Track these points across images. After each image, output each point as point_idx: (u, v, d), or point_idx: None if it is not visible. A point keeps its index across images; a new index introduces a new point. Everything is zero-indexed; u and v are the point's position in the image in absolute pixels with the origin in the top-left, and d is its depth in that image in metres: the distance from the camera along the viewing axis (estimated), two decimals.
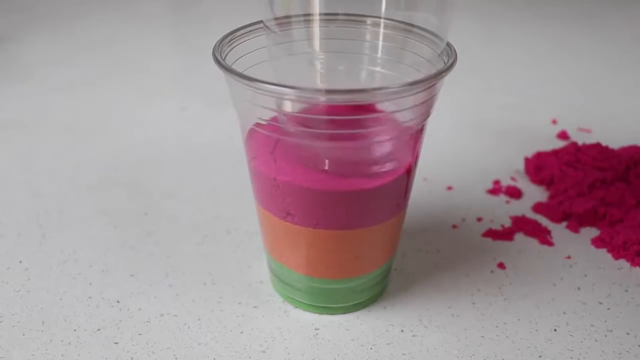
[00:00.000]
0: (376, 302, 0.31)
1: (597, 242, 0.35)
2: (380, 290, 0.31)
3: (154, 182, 0.41)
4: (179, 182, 0.41)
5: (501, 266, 0.33)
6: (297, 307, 0.30)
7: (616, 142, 0.44)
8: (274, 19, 0.27)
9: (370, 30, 0.28)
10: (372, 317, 0.30)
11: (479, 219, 0.37)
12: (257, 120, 0.25)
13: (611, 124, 0.51)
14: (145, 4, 0.82)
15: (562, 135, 0.48)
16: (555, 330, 0.29)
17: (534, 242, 0.35)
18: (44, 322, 0.29)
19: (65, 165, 0.43)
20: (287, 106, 0.24)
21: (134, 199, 0.39)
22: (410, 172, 0.27)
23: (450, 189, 0.41)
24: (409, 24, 0.27)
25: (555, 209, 0.37)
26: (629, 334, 0.29)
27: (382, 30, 0.28)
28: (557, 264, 0.34)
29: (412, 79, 0.23)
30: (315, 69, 0.29)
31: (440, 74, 0.23)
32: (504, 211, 0.38)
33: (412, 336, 0.29)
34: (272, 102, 0.24)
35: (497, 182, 0.41)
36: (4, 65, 0.61)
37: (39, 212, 0.38)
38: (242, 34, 0.27)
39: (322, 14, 0.28)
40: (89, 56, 0.64)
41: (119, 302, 0.30)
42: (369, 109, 0.24)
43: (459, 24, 0.69)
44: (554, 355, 0.28)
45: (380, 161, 0.26)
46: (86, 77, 0.59)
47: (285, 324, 0.29)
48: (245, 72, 0.24)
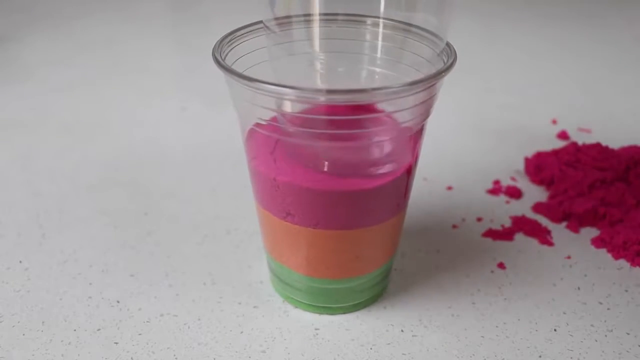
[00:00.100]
0: (376, 302, 0.31)
1: (597, 242, 0.35)
2: (380, 290, 0.31)
3: (154, 182, 0.41)
4: (179, 182, 0.41)
5: (501, 266, 0.33)
6: (297, 307, 0.30)
7: (616, 142, 0.44)
8: (274, 19, 0.27)
9: (370, 30, 0.28)
10: (372, 317, 0.30)
11: (479, 219, 0.37)
12: (257, 120, 0.25)
13: (611, 124, 0.51)
14: (145, 4, 0.82)
15: (562, 135, 0.48)
16: (555, 330, 0.29)
17: (534, 242, 0.35)
18: (44, 322, 0.29)
19: (65, 165, 0.43)
20: (287, 106, 0.24)
21: (134, 199, 0.39)
22: (410, 172, 0.27)
23: (450, 189, 0.41)
24: (408, 24, 0.27)
25: (555, 209, 0.37)
26: (629, 334, 0.29)
27: (381, 30, 0.28)
28: (557, 264, 0.34)
29: (411, 79, 0.23)
30: (315, 69, 0.29)
31: (440, 74, 0.23)
32: (504, 211, 0.38)
33: (412, 336, 0.29)
34: (272, 102, 0.24)
35: (497, 182, 0.41)
36: (4, 65, 0.61)
37: (39, 212, 0.38)
38: (242, 34, 0.27)
39: (322, 14, 0.28)
40: (89, 56, 0.64)
41: (119, 302, 0.31)
42: (368, 109, 0.24)
43: (458, 24, 0.69)
44: (554, 355, 0.28)
45: (380, 161, 0.26)
46: (86, 77, 0.59)
47: (285, 324, 0.29)
48: (245, 73, 0.24)
